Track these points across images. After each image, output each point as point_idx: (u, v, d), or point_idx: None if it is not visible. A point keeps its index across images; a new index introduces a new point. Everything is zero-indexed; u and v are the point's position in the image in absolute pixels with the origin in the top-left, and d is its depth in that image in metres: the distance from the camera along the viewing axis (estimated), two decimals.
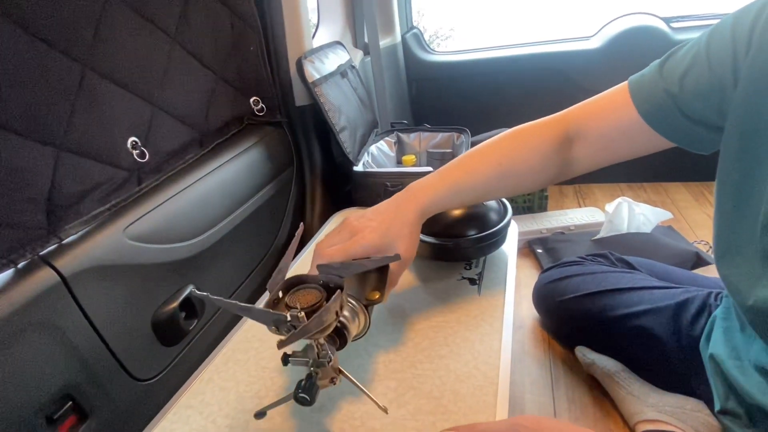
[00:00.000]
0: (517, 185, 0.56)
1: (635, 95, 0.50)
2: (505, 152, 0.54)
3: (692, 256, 1.10)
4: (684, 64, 0.47)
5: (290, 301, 0.40)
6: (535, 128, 0.56)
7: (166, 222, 0.65)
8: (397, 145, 1.28)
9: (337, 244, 0.48)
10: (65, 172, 0.54)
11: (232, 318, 0.79)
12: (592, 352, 0.81)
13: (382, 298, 0.45)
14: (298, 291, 0.41)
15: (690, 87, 0.46)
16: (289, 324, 0.35)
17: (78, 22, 0.55)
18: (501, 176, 0.54)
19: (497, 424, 0.37)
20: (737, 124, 0.43)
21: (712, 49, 0.45)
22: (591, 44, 1.60)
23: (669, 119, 0.49)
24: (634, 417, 0.70)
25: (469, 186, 0.53)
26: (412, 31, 1.82)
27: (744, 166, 0.43)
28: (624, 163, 0.56)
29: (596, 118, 0.53)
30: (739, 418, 0.53)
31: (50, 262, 0.49)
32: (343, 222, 0.51)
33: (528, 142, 0.55)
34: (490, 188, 0.55)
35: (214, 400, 0.50)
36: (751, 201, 0.42)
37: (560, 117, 0.56)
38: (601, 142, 0.54)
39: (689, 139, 0.50)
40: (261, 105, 0.93)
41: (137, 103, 0.65)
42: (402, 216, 0.50)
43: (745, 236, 0.43)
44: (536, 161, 0.54)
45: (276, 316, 0.36)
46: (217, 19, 0.80)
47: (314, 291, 0.41)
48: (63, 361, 0.49)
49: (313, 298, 0.40)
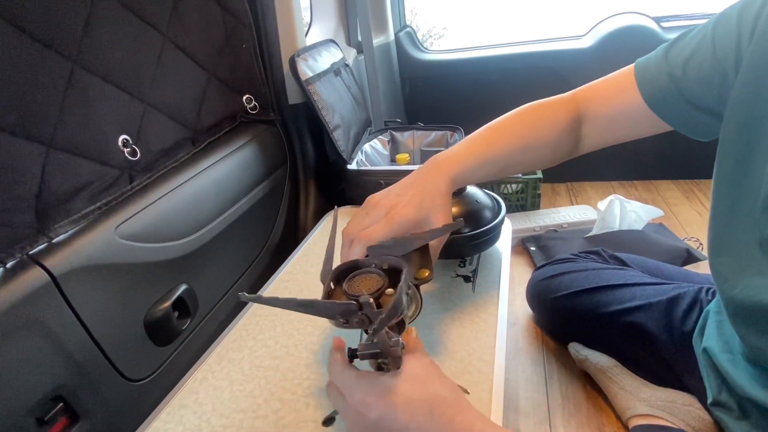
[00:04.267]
0: (535, 160, 0.56)
1: (640, 78, 0.51)
2: (526, 125, 0.55)
3: (683, 252, 1.11)
4: (689, 48, 0.47)
5: (350, 289, 0.37)
6: (551, 105, 0.56)
7: (159, 220, 0.64)
8: (391, 144, 1.28)
9: (370, 225, 0.44)
10: (55, 170, 0.53)
11: (226, 316, 0.79)
12: (585, 348, 0.81)
13: (432, 275, 0.42)
14: (354, 278, 0.38)
15: (693, 72, 0.46)
16: (361, 314, 0.32)
17: (67, 17, 0.54)
18: (522, 150, 0.54)
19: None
20: (736, 110, 0.43)
21: (718, 34, 0.45)
22: (582, 43, 1.61)
23: (671, 104, 0.49)
24: (626, 412, 0.70)
25: (493, 158, 0.53)
26: (406, 30, 1.82)
27: (742, 152, 0.43)
28: (615, 161, 0.57)
29: (602, 100, 0.54)
30: (732, 410, 0.53)
31: (40, 261, 0.49)
32: (368, 202, 0.48)
33: (545, 118, 0.55)
34: (512, 161, 0.54)
35: (207, 400, 0.49)
36: (749, 187, 0.42)
37: (572, 96, 0.57)
38: (606, 124, 0.55)
39: (689, 125, 0.50)
40: (254, 103, 0.92)
41: (128, 100, 0.64)
42: (433, 186, 0.47)
43: (742, 223, 0.43)
44: (552, 138, 0.55)
45: (344, 306, 0.32)
46: (209, 16, 0.79)
47: (372, 275, 0.38)
48: (53, 362, 0.49)
49: (375, 282, 0.37)
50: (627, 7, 1.59)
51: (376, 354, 0.35)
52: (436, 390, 0.34)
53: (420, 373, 0.34)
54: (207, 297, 0.74)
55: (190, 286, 0.69)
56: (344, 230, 0.46)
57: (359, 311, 0.32)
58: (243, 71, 0.89)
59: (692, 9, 1.58)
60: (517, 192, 1.41)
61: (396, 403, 0.33)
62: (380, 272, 0.38)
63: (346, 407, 0.35)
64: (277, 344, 0.56)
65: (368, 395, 0.33)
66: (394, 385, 0.33)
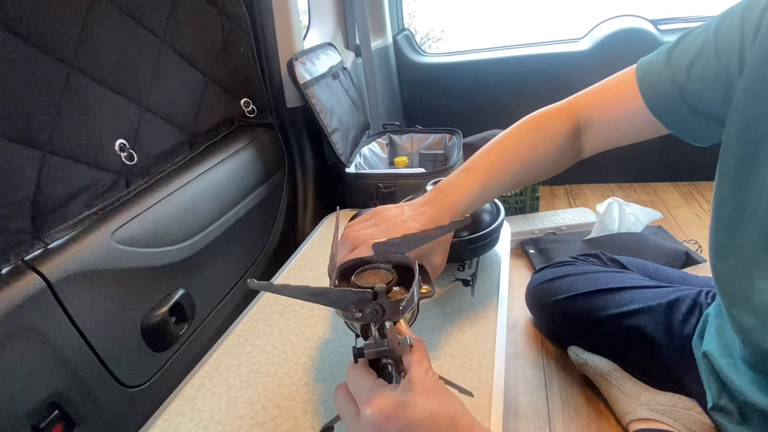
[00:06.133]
0: (536, 176, 0.57)
1: (642, 83, 0.50)
2: (528, 147, 0.54)
3: (682, 255, 1.11)
4: (692, 51, 0.46)
5: (359, 282, 0.36)
6: (550, 118, 0.56)
7: (156, 225, 0.64)
8: (389, 147, 1.28)
9: (374, 232, 0.44)
10: (51, 175, 0.53)
11: (223, 322, 0.78)
12: (584, 352, 0.81)
13: (433, 291, 0.41)
14: (363, 273, 0.37)
15: (697, 76, 0.46)
16: (375, 304, 0.31)
17: (63, 21, 0.54)
18: (524, 170, 0.54)
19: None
20: (740, 110, 0.42)
21: (721, 36, 0.44)
22: (580, 46, 1.62)
23: (673, 110, 0.49)
24: (626, 416, 0.70)
25: (497, 184, 0.53)
26: (404, 33, 1.82)
27: (745, 152, 0.42)
28: (614, 163, 0.57)
29: (602, 109, 0.54)
30: (732, 415, 0.53)
31: (35, 267, 0.48)
32: (377, 212, 0.48)
33: (546, 134, 0.55)
34: (515, 182, 0.55)
35: (205, 407, 0.49)
36: (753, 189, 0.42)
37: (570, 106, 0.56)
38: (607, 131, 0.55)
39: (690, 131, 0.50)
40: (252, 107, 0.92)
41: (125, 104, 0.64)
42: (441, 221, 0.47)
43: (747, 225, 0.43)
44: (554, 152, 0.55)
45: (359, 295, 0.31)
46: (206, 20, 0.79)
47: (381, 271, 0.37)
48: (49, 368, 0.48)
49: (384, 276, 0.36)
50: (624, 10, 1.59)
51: (383, 353, 0.34)
52: (453, 404, 0.33)
53: (434, 388, 0.33)
54: (204, 302, 0.74)
55: (187, 291, 0.69)
56: (346, 233, 0.46)
57: (374, 300, 0.31)
58: (241, 75, 0.89)
59: (690, 12, 1.58)
60: (515, 195, 1.41)
61: (417, 417, 0.31)
62: (389, 267, 0.37)
63: (353, 416, 0.33)
64: (275, 350, 0.56)
65: (387, 405, 0.32)
66: (414, 399, 0.32)
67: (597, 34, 1.59)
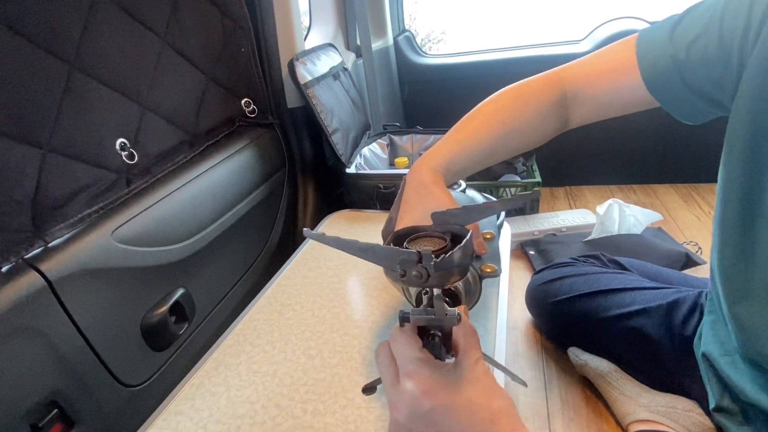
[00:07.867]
0: (519, 144, 0.56)
1: (642, 59, 0.49)
2: (508, 113, 0.54)
3: (682, 256, 1.11)
4: (696, 29, 0.45)
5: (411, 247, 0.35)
6: (533, 87, 0.56)
7: (156, 224, 0.64)
8: (390, 147, 1.28)
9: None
10: (51, 173, 0.53)
11: (223, 322, 0.78)
12: (584, 353, 0.81)
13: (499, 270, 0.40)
14: (417, 239, 0.36)
15: (697, 56, 0.45)
16: (420, 266, 0.31)
17: (65, 21, 0.54)
18: (505, 136, 0.54)
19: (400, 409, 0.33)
20: (747, 104, 0.42)
21: (727, 17, 0.43)
22: (580, 48, 1.62)
23: (670, 87, 0.48)
24: (626, 417, 0.70)
25: (475, 147, 0.53)
26: (404, 34, 1.82)
27: (756, 154, 0.41)
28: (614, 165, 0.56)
29: (594, 83, 0.53)
30: (734, 415, 0.53)
31: (36, 265, 0.48)
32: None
33: (528, 101, 0.55)
34: (497, 147, 0.54)
35: (204, 406, 0.49)
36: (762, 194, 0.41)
37: (557, 76, 0.56)
38: (596, 107, 0.54)
39: (684, 110, 0.49)
40: (252, 107, 0.92)
41: (126, 103, 0.64)
42: (416, 182, 0.48)
43: (759, 223, 0.42)
44: (536, 121, 0.55)
45: (406, 255, 0.31)
46: (207, 20, 0.79)
47: (435, 239, 0.36)
48: (48, 367, 0.48)
49: (437, 243, 0.35)
50: (624, 12, 1.60)
51: (430, 321, 0.34)
52: (498, 400, 0.32)
53: (482, 377, 0.32)
54: (204, 301, 0.74)
55: (187, 290, 0.69)
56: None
57: (419, 263, 0.31)
58: (242, 75, 0.89)
59: None
60: (515, 195, 1.41)
61: (456, 402, 0.31)
62: (442, 235, 0.36)
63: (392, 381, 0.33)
64: (275, 349, 0.56)
65: (428, 381, 0.31)
66: (457, 382, 0.31)
67: (597, 36, 1.59)
